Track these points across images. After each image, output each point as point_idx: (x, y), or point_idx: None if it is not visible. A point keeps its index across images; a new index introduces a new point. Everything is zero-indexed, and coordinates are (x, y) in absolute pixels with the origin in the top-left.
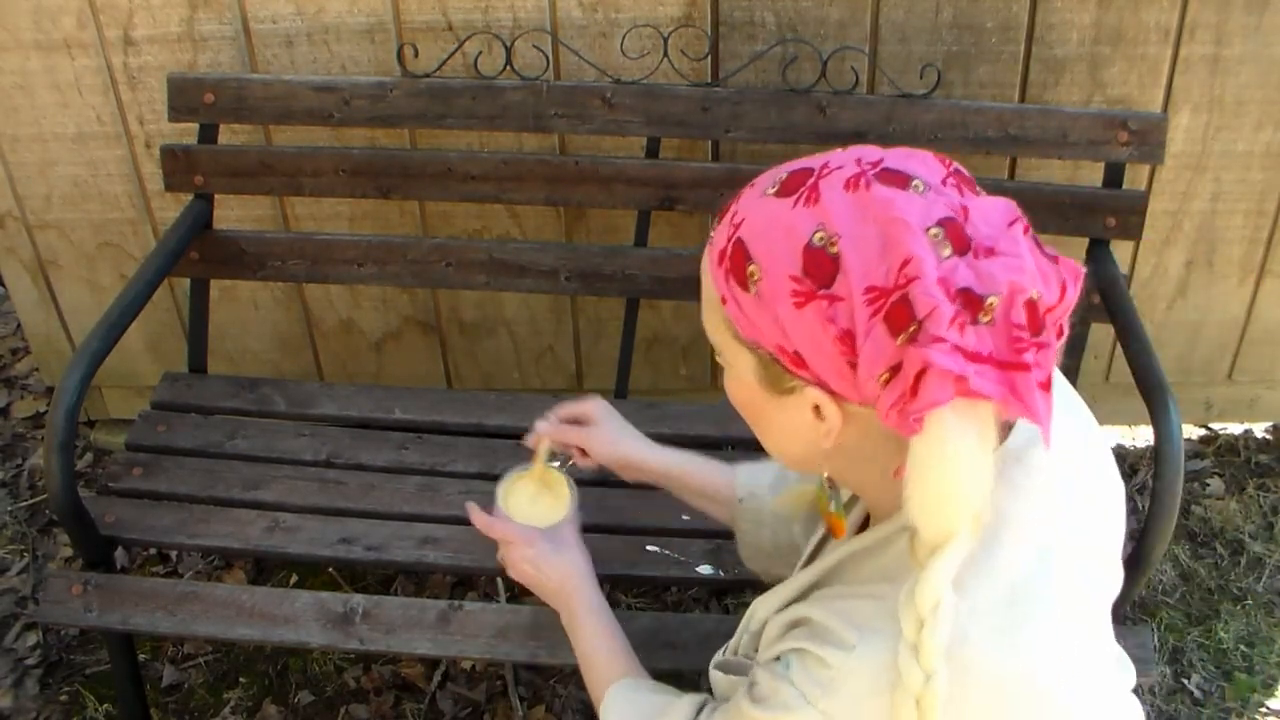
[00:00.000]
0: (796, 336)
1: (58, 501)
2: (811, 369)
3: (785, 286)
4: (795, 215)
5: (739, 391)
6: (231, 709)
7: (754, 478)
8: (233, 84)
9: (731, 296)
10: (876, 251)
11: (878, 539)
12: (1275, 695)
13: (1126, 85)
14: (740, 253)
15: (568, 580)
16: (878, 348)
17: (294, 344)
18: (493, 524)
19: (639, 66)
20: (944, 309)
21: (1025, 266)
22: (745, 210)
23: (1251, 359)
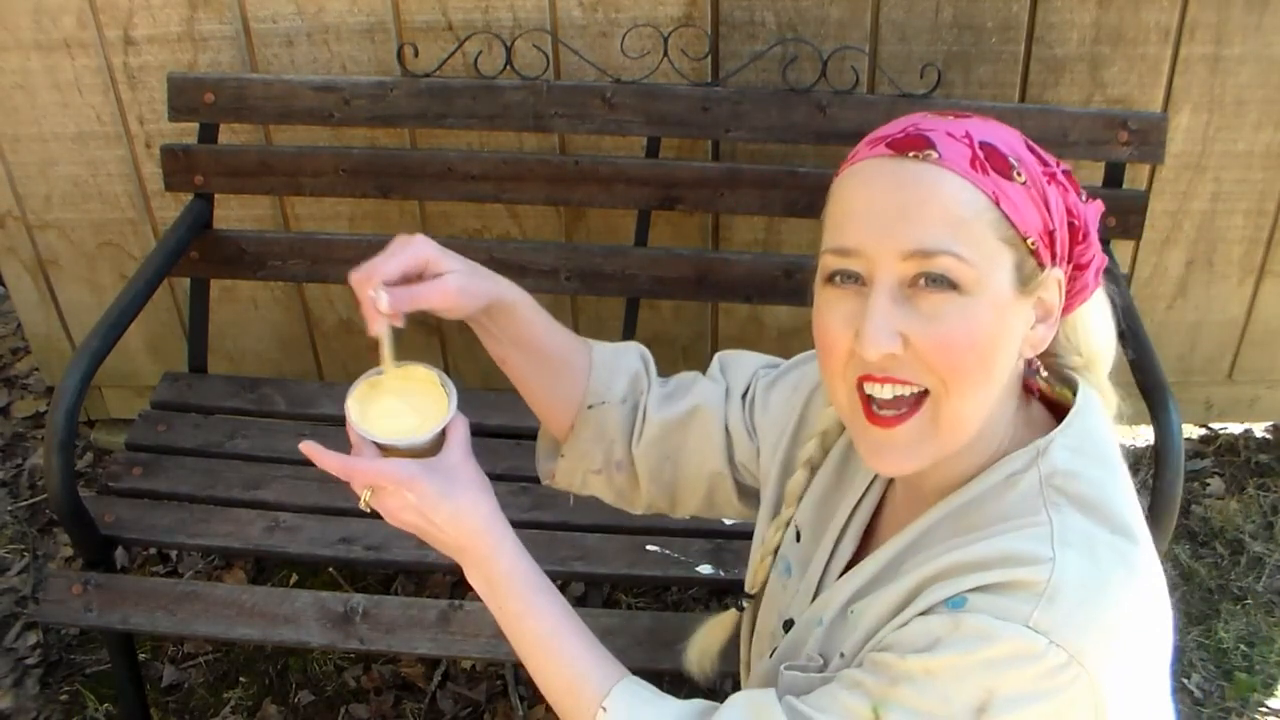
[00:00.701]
0: (1055, 210)
1: (58, 501)
2: (1057, 245)
3: (1038, 169)
4: (998, 125)
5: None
6: (231, 709)
7: (607, 383)
8: (233, 84)
9: (1003, 192)
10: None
11: (990, 486)
12: (1275, 695)
13: (1126, 85)
14: (996, 152)
15: (472, 533)
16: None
17: (294, 344)
18: (351, 465)
19: (639, 66)
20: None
21: None
22: (955, 127)
23: (1251, 359)
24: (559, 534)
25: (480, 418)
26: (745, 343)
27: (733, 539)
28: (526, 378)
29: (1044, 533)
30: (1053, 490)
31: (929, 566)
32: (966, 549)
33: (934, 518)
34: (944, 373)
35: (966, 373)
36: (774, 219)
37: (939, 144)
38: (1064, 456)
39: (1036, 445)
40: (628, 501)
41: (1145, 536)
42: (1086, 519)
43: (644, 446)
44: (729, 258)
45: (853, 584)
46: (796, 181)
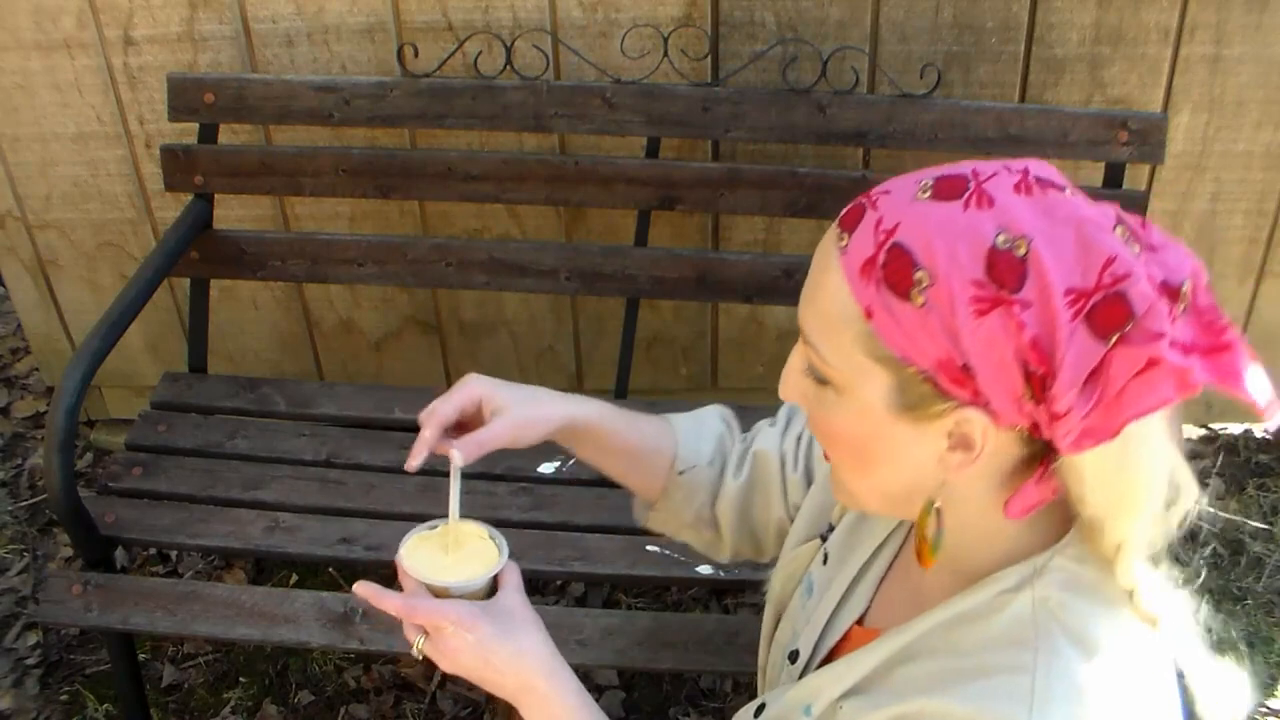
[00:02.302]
0: (971, 348)
1: (58, 501)
2: (977, 385)
3: (965, 293)
4: (971, 218)
5: (848, 423)
6: (231, 709)
7: (695, 449)
8: (233, 84)
9: (883, 308)
10: (1073, 252)
11: (980, 603)
12: (1275, 695)
13: (1126, 85)
14: (901, 259)
15: (533, 674)
16: (1081, 352)
17: (294, 344)
18: (414, 606)
19: (639, 66)
20: (1161, 304)
21: (1185, 251)
22: (897, 215)
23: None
24: (559, 534)
25: None
26: (745, 343)
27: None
28: (615, 471)
29: (1024, 688)
30: (1047, 616)
31: (908, 703)
32: (944, 695)
33: (928, 624)
34: (825, 448)
35: (839, 460)
36: (774, 219)
37: (856, 232)
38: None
39: (1034, 562)
40: (715, 551)
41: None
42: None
43: (723, 505)
44: (729, 258)
45: (845, 680)
46: (796, 181)
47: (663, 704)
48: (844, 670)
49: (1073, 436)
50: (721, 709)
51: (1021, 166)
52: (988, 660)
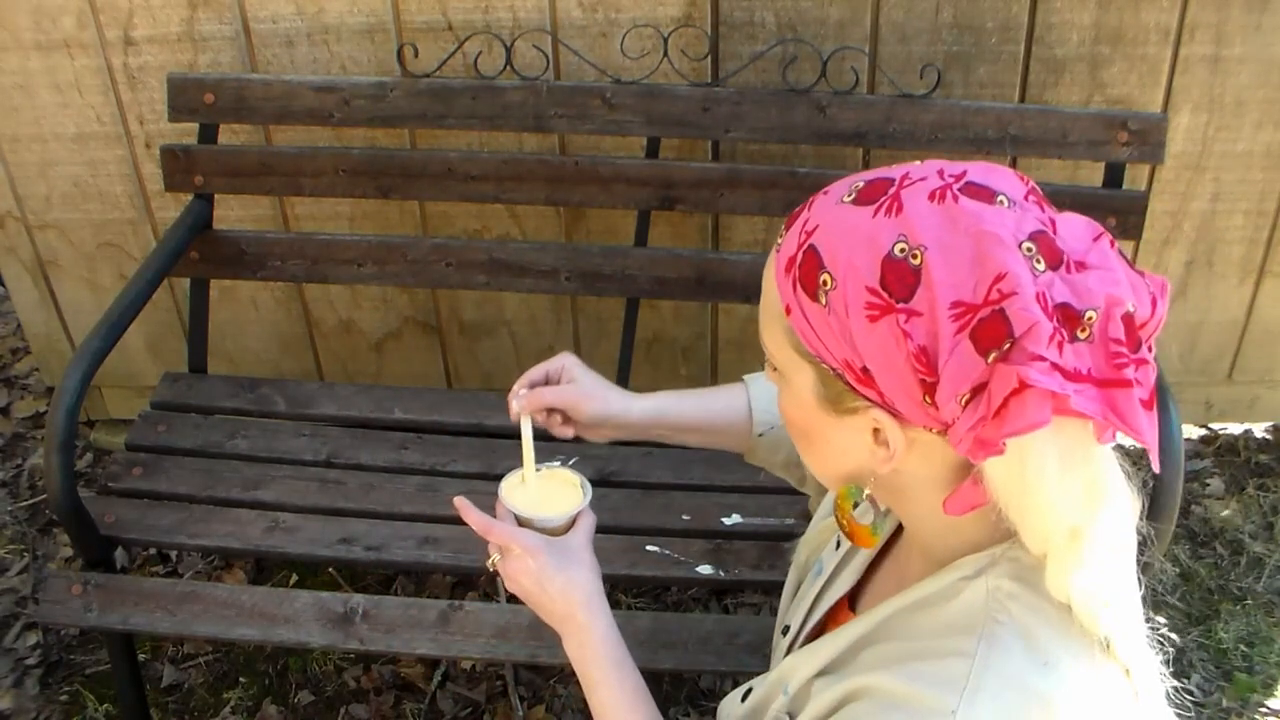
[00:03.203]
0: (867, 352)
1: (58, 501)
2: (879, 388)
3: (860, 298)
4: (876, 225)
5: (792, 409)
6: (231, 709)
7: (769, 407)
8: (233, 84)
9: (798, 306)
10: (967, 266)
11: (940, 589)
12: (1275, 695)
13: (1126, 85)
14: (812, 261)
15: (576, 605)
16: (962, 365)
17: (294, 344)
18: (491, 525)
19: (639, 66)
20: (1043, 326)
21: (1119, 279)
22: (818, 218)
23: (1251, 359)
24: None
25: (480, 418)
26: (745, 343)
27: (732, 539)
28: (695, 444)
29: (960, 673)
30: (996, 605)
31: (860, 678)
32: (888, 672)
33: (894, 607)
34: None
35: (795, 442)
36: (774, 219)
37: (788, 232)
38: (1013, 570)
39: (993, 552)
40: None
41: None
42: (1022, 649)
43: None
44: (729, 258)
45: (819, 659)
46: (796, 182)
47: (663, 704)
48: (819, 650)
49: (965, 446)
50: None
51: (958, 171)
52: (936, 644)
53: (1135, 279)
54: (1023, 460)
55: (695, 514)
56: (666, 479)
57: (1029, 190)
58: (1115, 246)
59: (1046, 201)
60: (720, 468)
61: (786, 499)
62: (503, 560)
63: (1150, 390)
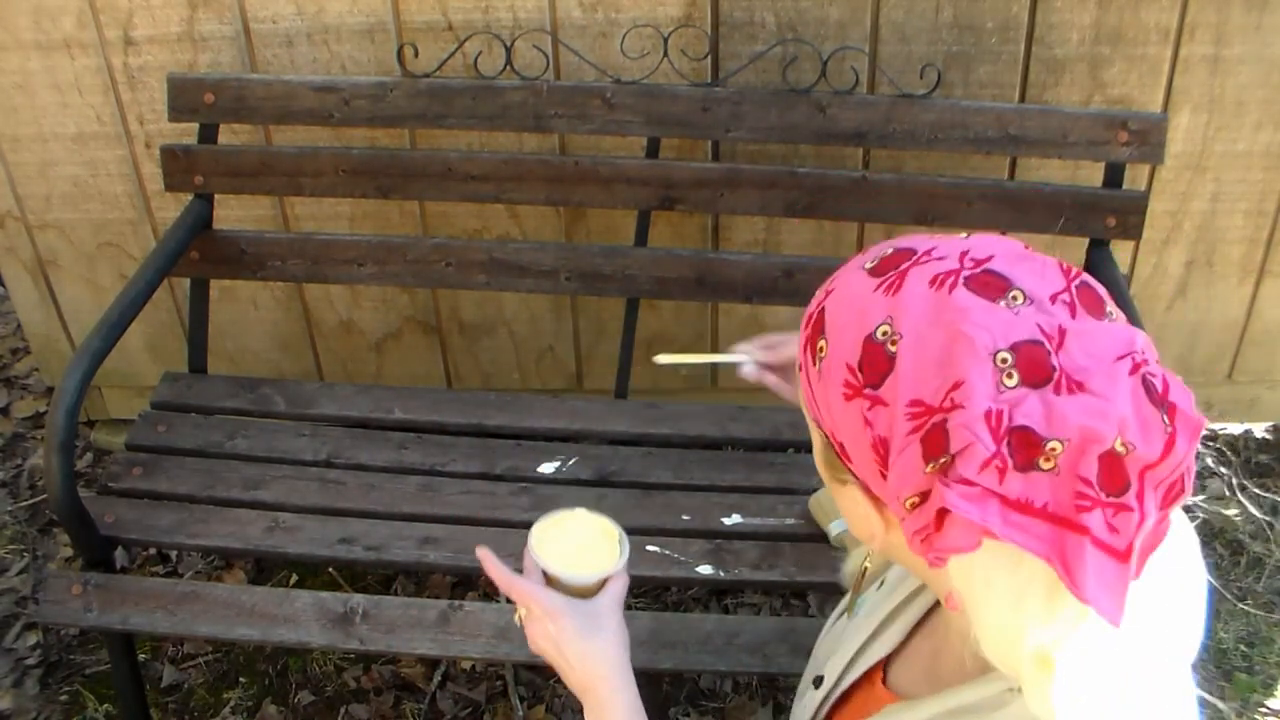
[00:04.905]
0: (841, 428)
1: (58, 501)
2: (853, 466)
3: (839, 374)
4: (872, 301)
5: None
6: (231, 709)
7: None
8: (233, 84)
9: (806, 365)
10: (934, 365)
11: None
12: (1275, 695)
13: (1126, 85)
14: (818, 324)
15: (597, 678)
16: (908, 469)
17: (294, 344)
18: (513, 582)
19: (639, 66)
20: (979, 449)
21: (1110, 411)
22: (840, 279)
23: (1251, 359)
24: None
25: (480, 418)
26: None
27: (733, 539)
28: None
29: None
30: None
31: None
32: None
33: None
34: None
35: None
36: (774, 219)
37: (819, 289)
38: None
39: None
40: None
41: None
42: None
43: None
44: (729, 258)
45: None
46: (796, 182)
47: (663, 704)
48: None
49: (915, 549)
50: (721, 709)
51: (985, 254)
52: None
53: (1149, 413)
54: (969, 573)
55: (695, 514)
56: (666, 479)
57: (1066, 289)
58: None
59: (1092, 305)
60: (720, 468)
61: (786, 499)
62: (525, 617)
63: (1126, 541)
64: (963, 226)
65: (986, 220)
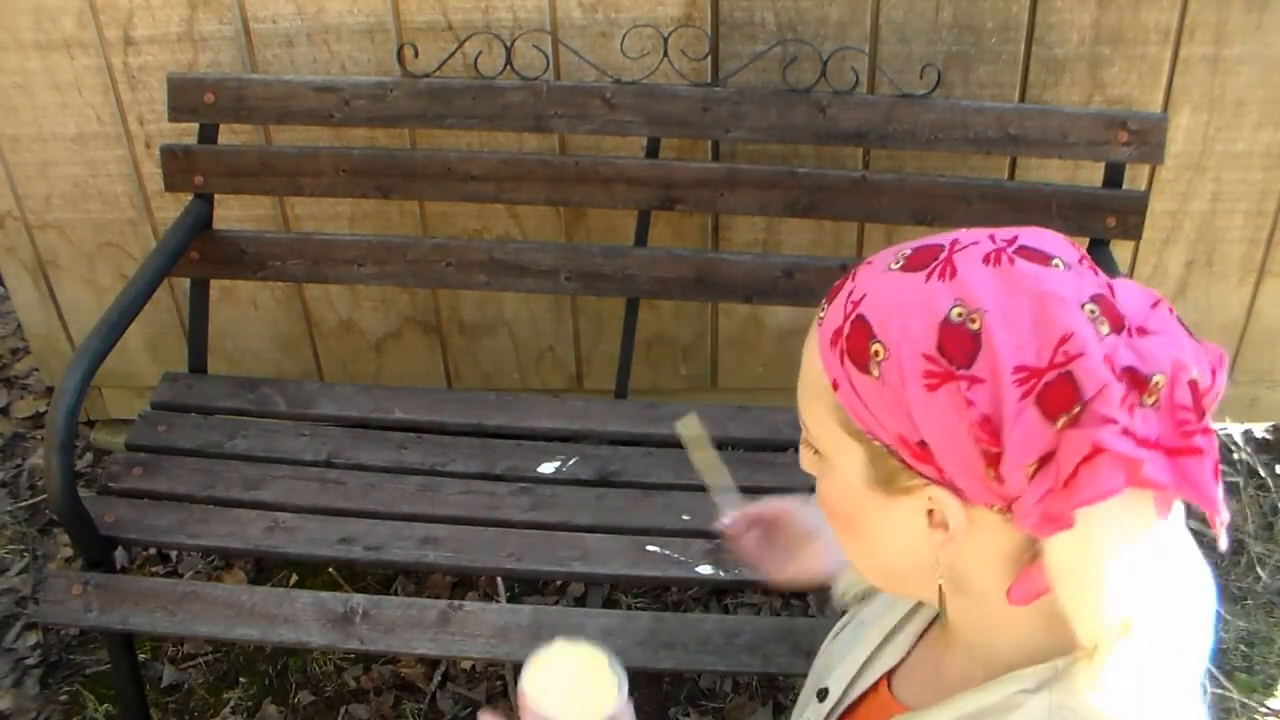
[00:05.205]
0: (925, 424)
1: (58, 501)
2: (937, 463)
3: (917, 367)
4: (930, 290)
5: (836, 495)
6: (231, 709)
7: None
8: (233, 84)
9: (846, 380)
10: (1029, 328)
11: (996, 702)
12: (1275, 695)
13: (1126, 85)
14: (861, 331)
15: None
16: (1029, 433)
17: (294, 344)
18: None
19: (639, 66)
20: (1114, 388)
21: (1184, 345)
22: (865, 287)
23: (1251, 359)
24: (559, 534)
25: (480, 418)
26: (745, 343)
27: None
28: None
29: None
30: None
31: None
32: None
33: (943, 717)
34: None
35: (837, 532)
36: (774, 219)
37: (832, 303)
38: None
39: (1055, 665)
40: None
41: None
42: None
43: None
44: (729, 258)
45: None
46: (796, 182)
47: (663, 704)
48: None
49: (1031, 520)
50: (721, 709)
51: (1010, 235)
52: None
53: (1196, 347)
54: (1088, 535)
55: (695, 514)
56: (666, 479)
57: (1081, 255)
58: (1175, 314)
59: (1098, 268)
60: None
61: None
62: None
63: (1217, 459)
64: (963, 226)
65: (986, 220)
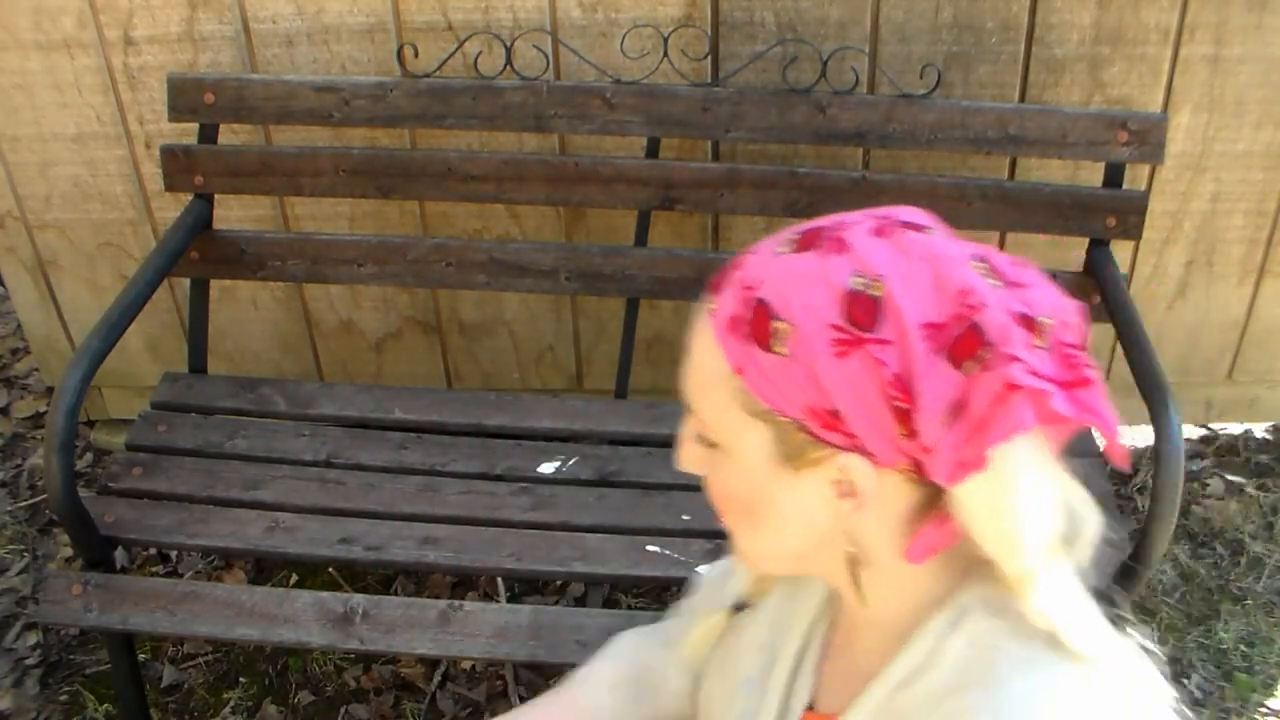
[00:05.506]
0: (836, 392)
1: (58, 501)
2: (848, 429)
3: (825, 337)
4: (827, 265)
5: (735, 480)
6: (231, 709)
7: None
8: (233, 84)
9: (752, 362)
10: (929, 288)
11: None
12: (1275, 695)
13: (1126, 85)
14: (763, 313)
15: None
16: (941, 383)
17: (294, 344)
18: None
19: (639, 66)
20: (1015, 331)
21: (1055, 292)
22: (758, 273)
23: (1251, 359)
24: (559, 534)
25: (480, 418)
26: None
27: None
28: None
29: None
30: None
31: None
32: None
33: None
34: (720, 512)
35: (735, 524)
36: (774, 219)
37: (723, 294)
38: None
39: (958, 602)
40: None
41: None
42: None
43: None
44: (729, 258)
45: None
46: (796, 182)
47: None
48: None
49: (947, 469)
50: None
51: (887, 211)
52: (942, 713)
53: (1062, 294)
54: (1001, 475)
55: (695, 514)
56: (666, 479)
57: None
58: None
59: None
60: None
61: None
62: None
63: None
64: (963, 226)
65: (986, 220)
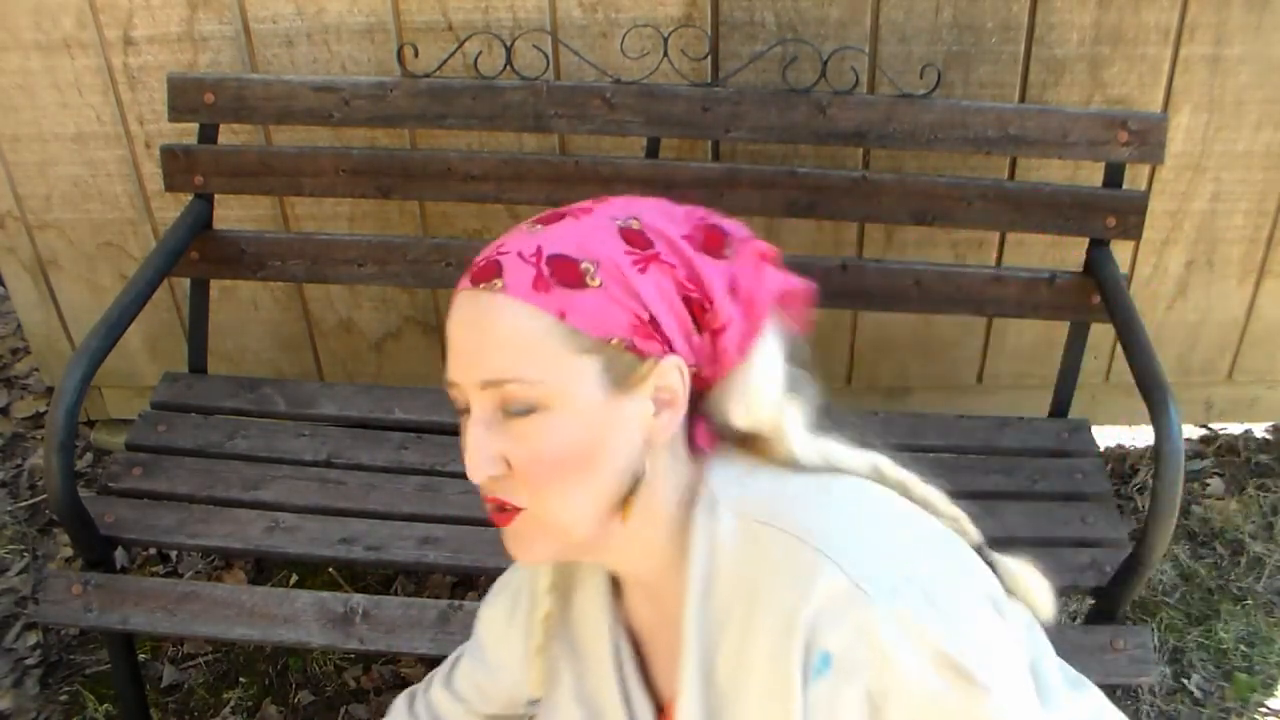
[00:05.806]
0: (649, 298)
1: (58, 501)
2: (664, 332)
3: (625, 261)
4: (589, 221)
5: (567, 432)
6: (231, 709)
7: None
8: (233, 84)
9: (571, 303)
10: (665, 217)
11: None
12: (1275, 695)
13: (1126, 85)
14: (565, 263)
15: None
16: (714, 271)
17: (294, 344)
18: None
19: (639, 66)
20: (739, 229)
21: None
22: (531, 243)
23: (1251, 359)
24: None
25: None
26: None
27: None
28: None
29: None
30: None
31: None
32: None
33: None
34: (539, 487)
35: (563, 484)
36: (774, 219)
37: (506, 270)
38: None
39: (703, 496)
40: None
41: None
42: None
43: None
44: None
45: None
46: (796, 182)
47: None
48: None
49: (735, 343)
50: None
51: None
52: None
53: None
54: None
55: None
56: None
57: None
58: None
59: None
60: None
61: None
62: None
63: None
64: (963, 226)
65: (986, 220)
